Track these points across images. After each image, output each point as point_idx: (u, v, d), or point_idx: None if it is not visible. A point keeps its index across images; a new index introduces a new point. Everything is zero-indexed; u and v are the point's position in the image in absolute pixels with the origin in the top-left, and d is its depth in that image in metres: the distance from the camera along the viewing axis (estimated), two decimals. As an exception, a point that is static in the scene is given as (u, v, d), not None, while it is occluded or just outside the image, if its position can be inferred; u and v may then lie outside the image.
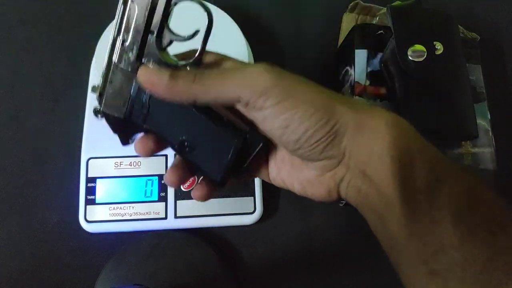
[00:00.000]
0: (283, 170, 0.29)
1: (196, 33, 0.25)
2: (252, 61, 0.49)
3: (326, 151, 0.25)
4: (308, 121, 0.24)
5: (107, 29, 0.47)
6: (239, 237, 0.46)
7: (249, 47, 0.49)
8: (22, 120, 0.49)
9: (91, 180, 0.44)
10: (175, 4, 0.25)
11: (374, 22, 0.52)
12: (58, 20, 0.55)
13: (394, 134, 0.24)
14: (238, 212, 0.44)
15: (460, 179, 0.24)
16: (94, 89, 0.29)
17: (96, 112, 0.29)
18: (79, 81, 0.49)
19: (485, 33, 0.52)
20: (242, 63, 0.29)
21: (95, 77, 0.47)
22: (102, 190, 0.44)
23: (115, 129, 0.29)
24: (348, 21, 0.54)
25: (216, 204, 0.44)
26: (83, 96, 0.47)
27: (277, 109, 0.24)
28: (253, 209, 0.44)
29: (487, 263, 0.22)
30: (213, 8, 0.48)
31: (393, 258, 0.25)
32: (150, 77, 0.26)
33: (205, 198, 0.29)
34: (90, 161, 0.44)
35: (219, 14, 0.48)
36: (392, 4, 0.46)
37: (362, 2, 0.53)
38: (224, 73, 0.25)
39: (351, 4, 0.54)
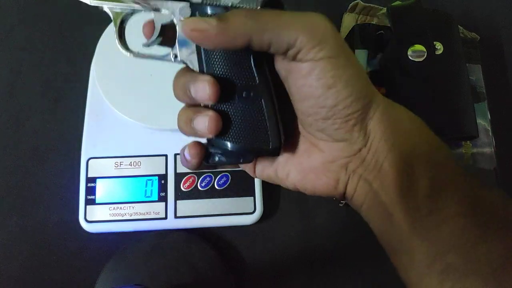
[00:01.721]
0: (279, 157, 0.27)
1: None
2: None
3: (353, 130, 0.24)
4: (353, 86, 0.23)
5: (107, 29, 0.47)
6: (239, 237, 0.46)
7: (249, 47, 0.49)
8: (22, 120, 0.49)
9: (91, 180, 0.44)
10: None
11: (374, 22, 0.52)
12: (58, 20, 0.55)
13: (418, 129, 0.24)
14: (238, 212, 0.44)
15: (466, 183, 0.24)
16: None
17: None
18: (79, 81, 0.49)
19: (485, 33, 0.52)
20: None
21: (95, 77, 0.47)
22: (102, 190, 0.44)
23: None
24: (348, 21, 0.54)
25: (216, 204, 0.44)
26: (83, 96, 0.47)
27: (329, 62, 0.22)
28: (253, 209, 0.44)
29: (502, 259, 0.22)
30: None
31: (398, 261, 0.25)
32: (196, 25, 0.22)
33: (198, 158, 0.27)
34: (90, 161, 0.44)
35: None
36: (392, 4, 0.46)
37: (362, 2, 0.53)
38: (282, 13, 0.23)
39: (351, 4, 0.54)
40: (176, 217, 0.43)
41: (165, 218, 0.43)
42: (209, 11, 0.24)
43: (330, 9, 0.57)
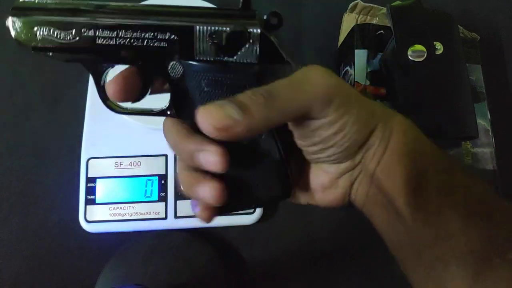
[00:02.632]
0: None
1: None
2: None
3: (356, 153, 0.25)
4: (359, 123, 0.24)
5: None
6: (239, 237, 0.46)
7: (249, 47, 0.49)
8: (22, 120, 0.49)
9: (91, 180, 0.44)
10: None
11: (374, 22, 0.52)
12: (58, 20, 0.55)
13: (404, 136, 0.25)
14: (238, 212, 0.44)
15: (471, 184, 0.25)
16: None
17: None
18: (79, 81, 0.49)
19: (485, 33, 0.52)
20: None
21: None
22: (102, 190, 0.44)
23: None
24: (348, 21, 0.54)
25: (216, 204, 0.44)
26: (83, 96, 0.47)
27: (337, 115, 0.23)
28: (253, 209, 0.44)
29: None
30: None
31: (398, 253, 0.26)
32: (221, 122, 0.20)
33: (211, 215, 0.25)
34: (90, 161, 0.44)
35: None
36: (392, 4, 0.46)
37: (362, 2, 0.53)
38: (290, 86, 0.22)
39: (351, 4, 0.54)
40: (176, 217, 0.43)
41: (165, 218, 0.43)
42: (200, 67, 0.23)
43: (330, 9, 0.57)
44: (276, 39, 0.23)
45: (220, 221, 0.44)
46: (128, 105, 0.26)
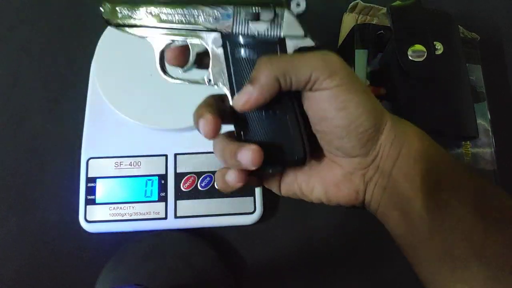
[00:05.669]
0: (303, 175, 0.30)
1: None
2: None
3: (367, 145, 0.27)
4: (364, 107, 0.26)
5: (107, 29, 0.47)
6: (239, 237, 0.46)
7: (249, 47, 0.49)
8: (22, 120, 0.49)
9: (91, 180, 0.44)
10: None
11: (374, 22, 0.52)
12: (58, 20, 0.55)
13: (419, 141, 0.27)
14: (238, 212, 0.44)
15: (473, 185, 0.26)
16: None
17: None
18: (79, 81, 0.49)
19: (485, 33, 0.52)
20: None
21: (95, 77, 0.47)
22: (102, 190, 0.44)
23: None
24: (348, 21, 0.54)
25: (216, 204, 0.44)
26: (83, 96, 0.47)
27: (340, 89, 0.26)
28: (253, 209, 0.44)
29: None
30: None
31: (412, 256, 0.27)
32: (242, 100, 0.26)
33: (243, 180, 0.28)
34: (90, 161, 0.44)
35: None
36: (392, 4, 0.46)
37: (362, 2, 0.53)
38: (297, 56, 0.27)
39: (351, 4, 0.54)
40: (176, 217, 0.43)
41: (165, 218, 0.43)
42: (241, 40, 0.28)
43: (330, 9, 0.57)
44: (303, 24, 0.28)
45: (220, 221, 0.44)
46: (179, 75, 0.31)
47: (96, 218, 0.43)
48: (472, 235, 0.24)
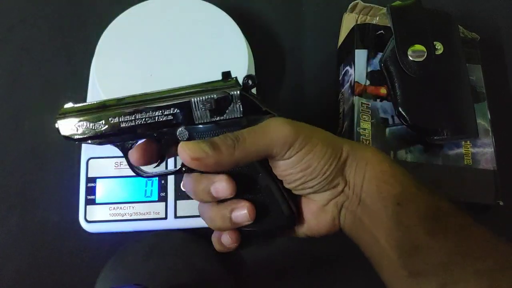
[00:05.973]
0: None
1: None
2: (252, 61, 0.49)
3: (335, 180, 0.29)
4: (324, 158, 0.28)
5: (107, 29, 0.47)
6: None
7: (249, 47, 0.49)
8: (22, 120, 0.49)
9: (91, 180, 0.44)
10: None
11: (374, 22, 0.52)
12: (58, 20, 0.55)
13: (380, 164, 0.29)
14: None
15: (426, 197, 0.29)
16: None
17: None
18: (79, 81, 0.49)
19: (485, 33, 0.52)
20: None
21: (95, 77, 0.47)
22: (102, 190, 0.44)
23: None
24: (348, 21, 0.54)
25: (216, 204, 0.44)
26: (83, 96, 0.47)
27: (300, 154, 0.28)
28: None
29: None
30: (212, 8, 0.48)
31: (382, 273, 0.30)
32: (195, 154, 0.26)
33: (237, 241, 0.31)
34: (90, 161, 0.44)
35: (219, 14, 0.48)
36: (392, 4, 0.46)
37: (362, 2, 0.53)
38: (256, 132, 0.28)
39: (351, 4, 0.54)
40: (176, 217, 0.43)
41: (165, 218, 0.43)
42: (202, 128, 0.29)
43: (330, 9, 0.57)
44: (256, 95, 0.29)
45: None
46: (151, 169, 0.32)
47: (96, 218, 0.43)
48: (434, 255, 0.26)
